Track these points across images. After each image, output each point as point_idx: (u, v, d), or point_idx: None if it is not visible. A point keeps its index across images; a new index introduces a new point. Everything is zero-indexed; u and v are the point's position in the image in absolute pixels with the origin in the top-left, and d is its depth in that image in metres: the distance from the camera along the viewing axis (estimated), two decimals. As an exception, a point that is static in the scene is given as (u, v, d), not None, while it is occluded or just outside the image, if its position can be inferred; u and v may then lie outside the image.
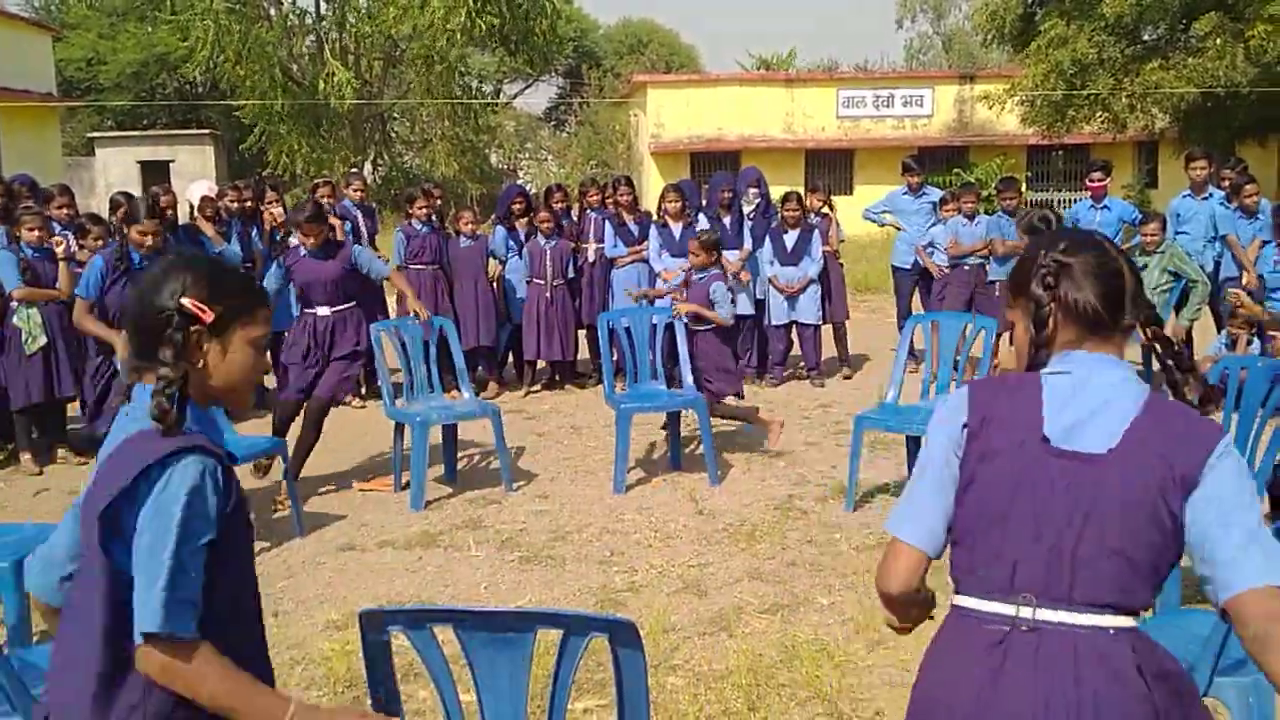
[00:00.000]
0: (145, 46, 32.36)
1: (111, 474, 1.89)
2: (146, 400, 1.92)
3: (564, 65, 39.88)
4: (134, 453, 1.89)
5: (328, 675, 4.11)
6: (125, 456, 1.90)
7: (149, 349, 1.96)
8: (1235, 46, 16.06)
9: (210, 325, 1.97)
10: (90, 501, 1.91)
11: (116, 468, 1.90)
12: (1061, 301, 1.99)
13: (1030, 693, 1.86)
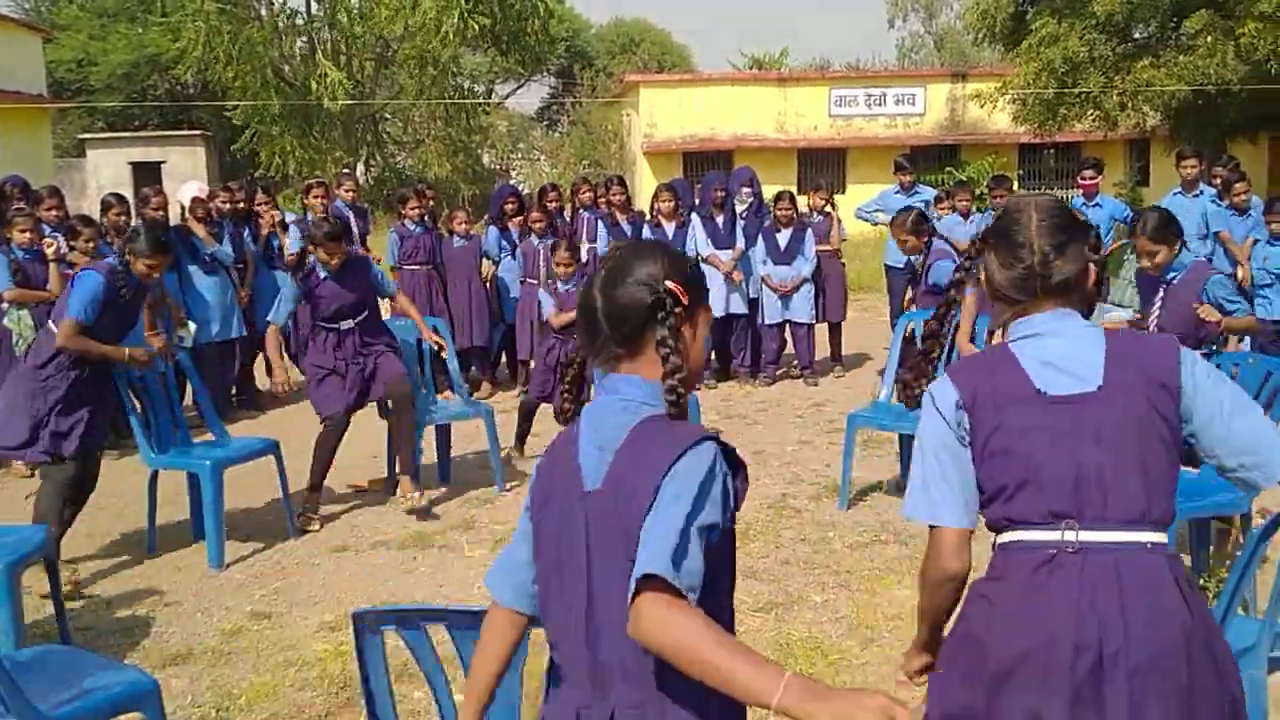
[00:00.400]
0: (136, 47, 32.29)
1: (641, 465, 1.80)
2: (633, 388, 1.89)
3: (556, 65, 39.88)
4: (659, 440, 1.82)
5: (321, 676, 4.11)
6: (649, 444, 1.82)
7: (630, 337, 1.89)
8: (1226, 44, 16.08)
9: (685, 307, 1.92)
10: (616, 485, 1.82)
11: (642, 457, 1.81)
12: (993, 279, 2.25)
13: (1073, 599, 2.04)
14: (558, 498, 1.93)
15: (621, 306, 1.89)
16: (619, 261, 1.95)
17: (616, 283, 1.91)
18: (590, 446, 1.90)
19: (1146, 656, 2.00)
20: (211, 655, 4.37)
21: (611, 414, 1.89)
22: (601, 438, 1.88)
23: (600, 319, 1.90)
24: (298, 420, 8.69)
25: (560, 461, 1.94)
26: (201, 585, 5.22)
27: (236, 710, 3.90)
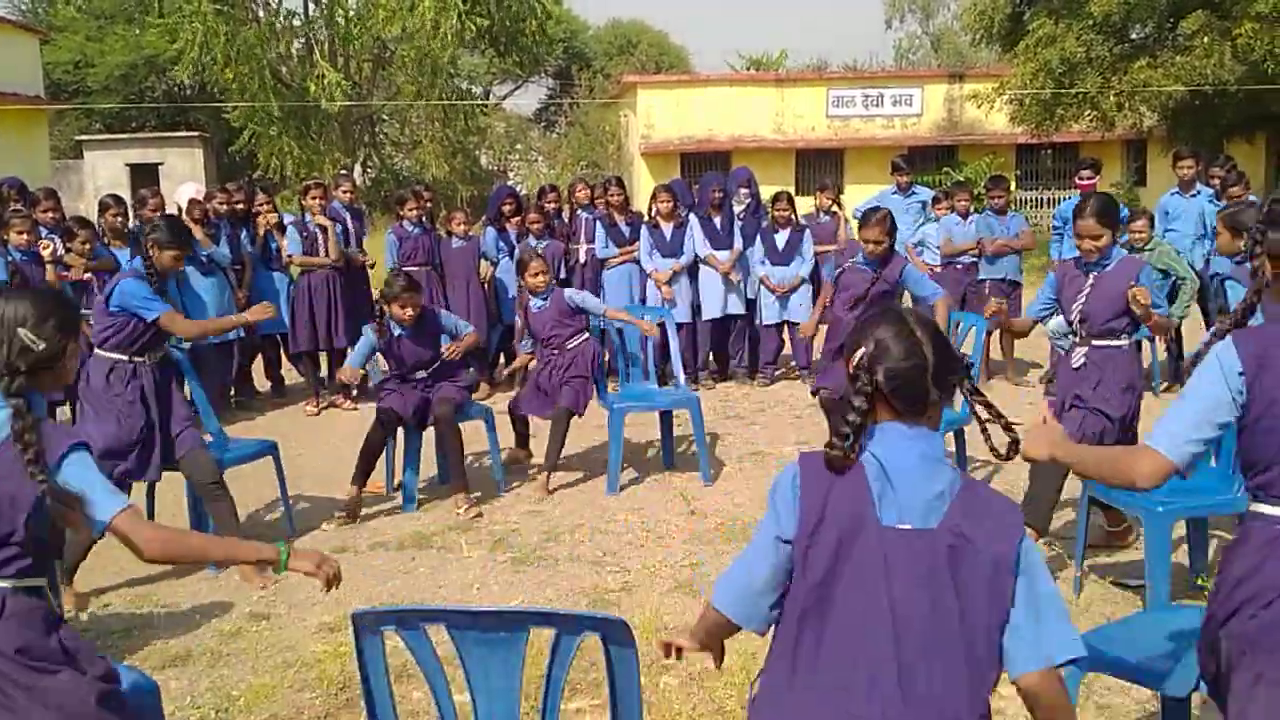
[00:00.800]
0: (133, 49, 32.27)
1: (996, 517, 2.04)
2: (936, 443, 2.10)
3: (554, 66, 39.88)
4: (994, 503, 2.06)
5: (320, 677, 4.11)
6: (991, 504, 2.06)
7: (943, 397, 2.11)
8: (1223, 45, 16.10)
9: None
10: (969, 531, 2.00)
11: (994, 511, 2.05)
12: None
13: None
14: (851, 521, 2.03)
15: (951, 370, 2.10)
16: (928, 328, 2.10)
17: (943, 347, 2.09)
18: (899, 486, 2.03)
19: None
20: (210, 656, 4.37)
21: (930, 464, 2.05)
22: (935, 483, 2.03)
23: (929, 381, 2.06)
24: (295, 422, 8.70)
25: (840, 492, 2.06)
26: (200, 586, 5.21)
27: (236, 711, 3.90)
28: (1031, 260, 13.83)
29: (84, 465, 2.52)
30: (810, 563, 2.04)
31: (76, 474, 2.49)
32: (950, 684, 2.01)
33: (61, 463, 2.49)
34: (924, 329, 2.08)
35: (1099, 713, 3.73)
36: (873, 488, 2.03)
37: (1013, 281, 9.26)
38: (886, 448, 2.05)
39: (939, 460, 2.05)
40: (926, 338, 2.06)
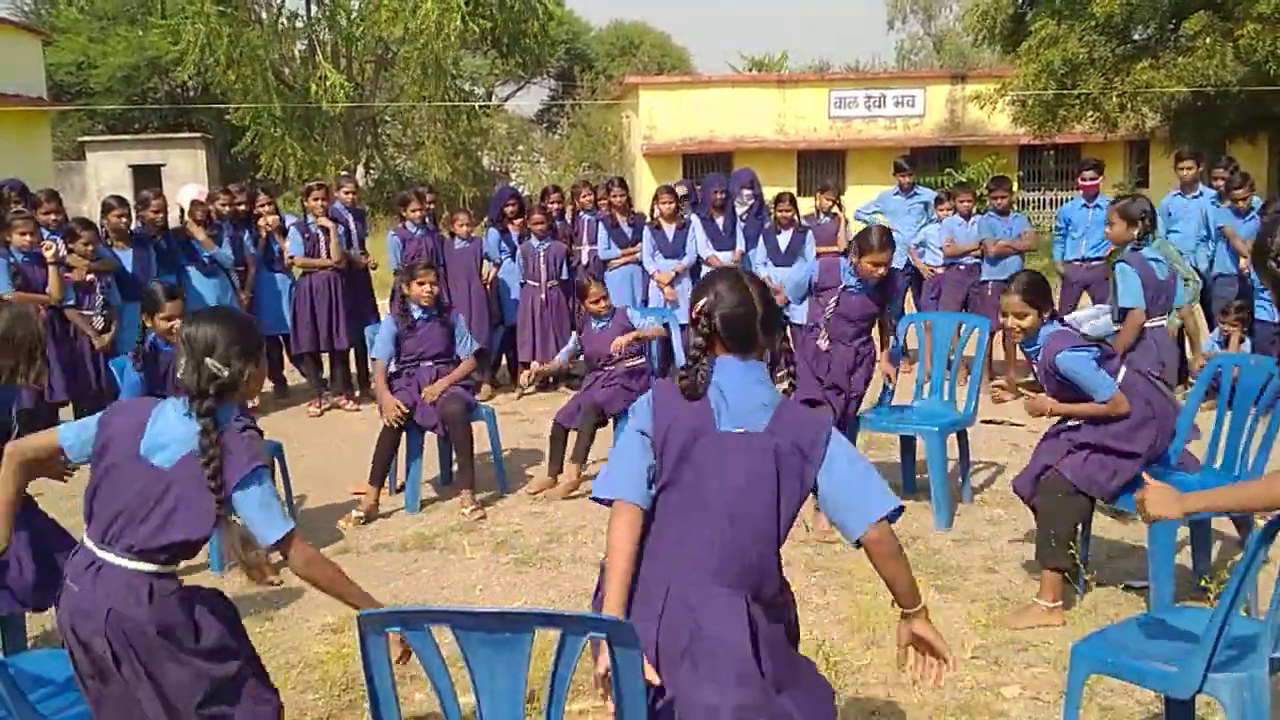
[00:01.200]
0: (136, 50, 32.27)
1: (803, 419, 2.63)
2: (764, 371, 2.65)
3: (556, 67, 39.87)
4: (807, 417, 2.66)
5: (324, 678, 4.11)
6: (802, 410, 2.76)
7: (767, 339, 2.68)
8: (1225, 45, 16.08)
9: None
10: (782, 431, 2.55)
11: (803, 415, 2.67)
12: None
13: None
14: (686, 428, 2.54)
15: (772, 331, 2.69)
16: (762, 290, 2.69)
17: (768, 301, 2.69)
18: (738, 400, 2.56)
19: None
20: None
21: (754, 380, 2.61)
22: (759, 397, 2.59)
23: (757, 325, 2.64)
24: (299, 423, 8.70)
25: (682, 405, 2.57)
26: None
27: (239, 712, 3.90)
28: (1034, 261, 13.81)
29: (259, 489, 2.72)
30: (663, 460, 2.54)
31: (252, 497, 2.71)
32: (765, 556, 2.54)
33: (241, 483, 2.70)
34: (755, 285, 2.66)
35: (1103, 714, 3.72)
36: (713, 405, 2.56)
37: (1015, 282, 9.23)
38: (723, 375, 2.60)
39: (762, 382, 2.62)
40: (756, 292, 2.64)
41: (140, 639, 2.69)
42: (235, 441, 2.73)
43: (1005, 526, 5.73)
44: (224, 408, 2.78)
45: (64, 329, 7.43)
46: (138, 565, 2.73)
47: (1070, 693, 3.17)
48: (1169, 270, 6.24)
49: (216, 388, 2.74)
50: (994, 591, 4.84)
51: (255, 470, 2.72)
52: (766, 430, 2.54)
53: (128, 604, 2.69)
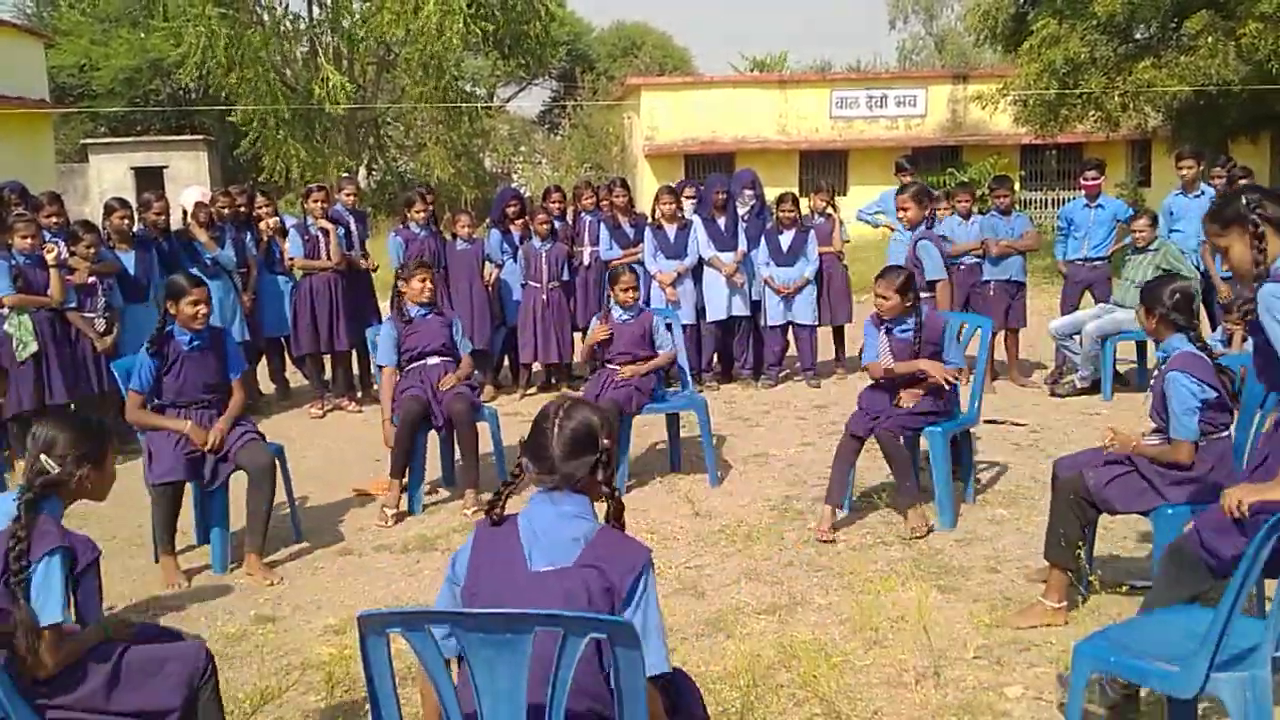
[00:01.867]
0: (138, 52, 32.31)
1: (617, 552, 2.52)
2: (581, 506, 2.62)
3: (557, 68, 39.90)
4: (627, 543, 2.57)
5: (326, 680, 4.10)
6: (620, 543, 2.57)
7: (578, 477, 2.63)
8: (1227, 45, 16.05)
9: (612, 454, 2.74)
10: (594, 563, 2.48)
11: (618, 549, 2.53)
12: None
13: None
14: (497, 572, 2.52)
15: (577, 459, 2.60)
16: (565, 417, 2.63)
17: (571, 440, 2.61)
18: (543, 538, 2.53)
19: None
20: (216, 659, 4.36)
21: (569, 517, 2.56)
22: (570, 532, 2.53)
23: (556, 461, 2.59)
24: (300, 424, 8.71)
25: (497, 547, 2.56)
26: (205, 589, 5.22)
27: (240, 714, 3.90)
28: (1036, 261, 13.82)
29: (49, 572, 2.93)
30: (469, 603, 2.50)
31: (36, 577, 2.91)
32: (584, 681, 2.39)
33: (39, 561, 2.92)
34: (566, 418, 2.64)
35: (1107, 714, 3.71)
36: (524, 542, 2.53)
37: (1017, 282, 9.24)
38: (531, 512, 2.60)
39: (576, 516, 2.56)
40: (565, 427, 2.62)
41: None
42: (44, 528, 2.98)
43: (1008, 526, 5.73)
44: (48, 501, 3.06)
45: (65, 331, 7.44)
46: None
47: (1073, 692, 3.16)
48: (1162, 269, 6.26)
49: (43, 482, 3.05)
50: (996, 591, 4.83)
51: (53, 551, 2.94)
52: (576, 565, 2.48)
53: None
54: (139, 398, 5.31)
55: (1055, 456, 5.19)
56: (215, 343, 5.49)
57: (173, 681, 3.06)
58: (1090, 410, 8.27)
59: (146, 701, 3.02)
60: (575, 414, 2.65)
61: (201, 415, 5.39)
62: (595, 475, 2.63)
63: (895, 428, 5.64)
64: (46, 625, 2.90)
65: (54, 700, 2.95)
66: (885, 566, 5.18)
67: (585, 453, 2.60)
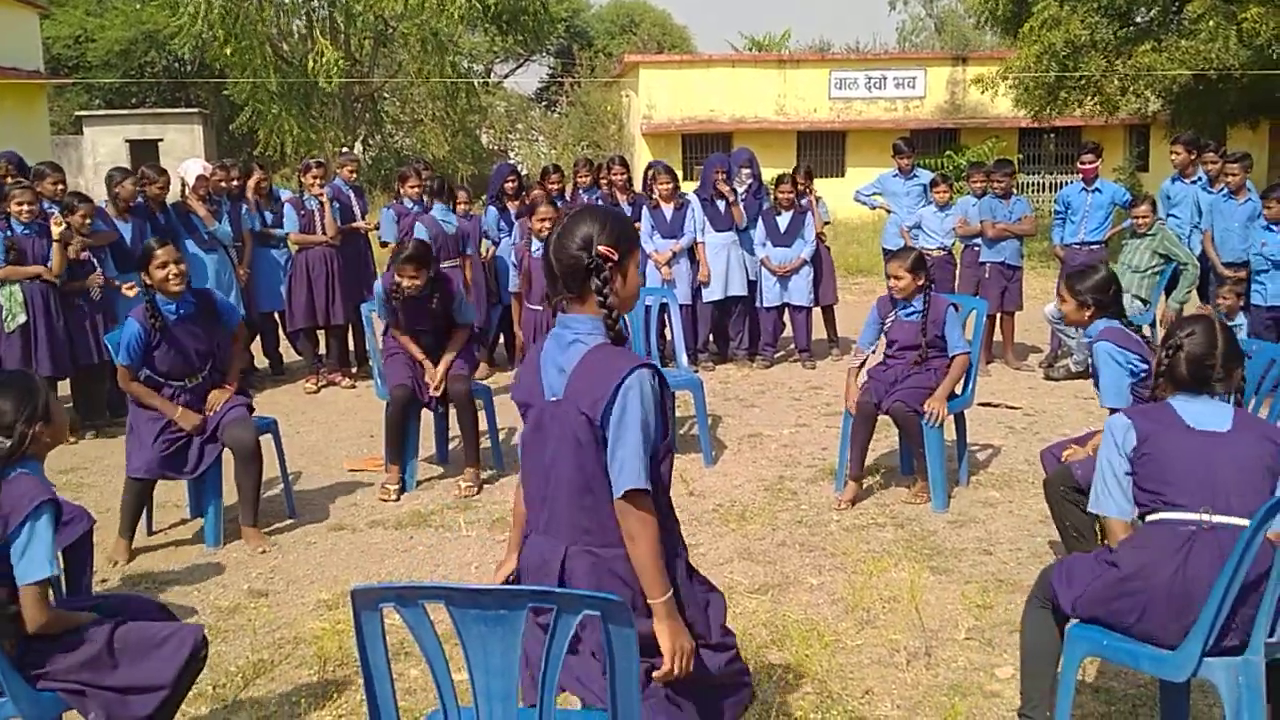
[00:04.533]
0: (133, 23, 32.14)
1: (594, 379, 2.50)
2: (580, 324, 2.57)
3: (555, 45, 39.73)
4: (605, 366, 2.50)
5: (318, 654, 4.11)
6: (600, 370, 2.50)
7: (575, 288, 2.57)
8: (1228, 29, 16.00)
9: (616, 261, 2.59)
10: (574, 396, 2.52)
11: (595, 374, 2.50)
12: None
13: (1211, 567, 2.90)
14: (532, 404, 2.65)
15: (567, 267, 2.56)
16: (563, 229, 2.60)
17: (562, 247, 2.57)
18: (551, 367, 2.60)
19: None
20: (209, 633, 4.36)
21: (565, 343, 2.58)
22: (562, 361, 2.57)
23: (555, 274, 2.59)
24: (295, 399, 8.70)
25: (530, 375, 2.67)
26: (199, 563, 5.22)
27: (233, 688, 3.90)
28: (1032, 245, 13.81)
29: (34, 530, 2.94)
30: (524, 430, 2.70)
31: (26, 535, 2.92)
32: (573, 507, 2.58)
33: (24, 523, 2.92)
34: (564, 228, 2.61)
35: (1097, 696, 3.73)
36: (542, 371, 2.62)
37: (1013, 266, 9.24)
38: (551, 336, 2.64)
39: (574, 340, 2.57)
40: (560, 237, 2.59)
41: None
42: (22, 487, 2.99)
43: (1000, 509, 5.74)
44: (20, 464, 3.05)
45: (61, 304, 7.40)
46: None
47: (1065, 674, 3.18)
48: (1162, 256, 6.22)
49: (4, 452, 3.02)
50: (988, 573, 4.84)
51: (29, 516, 2.93)
52: (565, 398, 2.54)
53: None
54: (128, 371, 5.25)
55: (1049, 440, 5.21)
56: (203, 307, 5.34)
57: (167, 661, 3.07)
58: (1084, 394, 8.28)
59: (137, 678, 3.03)
60: (574, 222, 2.60)
61: (198, 388, 5.35)
62: (589, 285, 2.56)
63: (905, 402, 5.72)
64: (35, 581, 2.91)
65: (46, 666, 2.96)
66: (878, 547, 5.19)
67: (577, 262, 2.55)
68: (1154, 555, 3.03)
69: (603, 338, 2.56)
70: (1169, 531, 3.03)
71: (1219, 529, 2.97)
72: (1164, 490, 3.07)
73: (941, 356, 5.88)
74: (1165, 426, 3.13)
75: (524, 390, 2.67)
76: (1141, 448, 3.13)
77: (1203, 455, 3.06)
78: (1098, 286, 4.59)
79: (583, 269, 2.54)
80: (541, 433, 2.61)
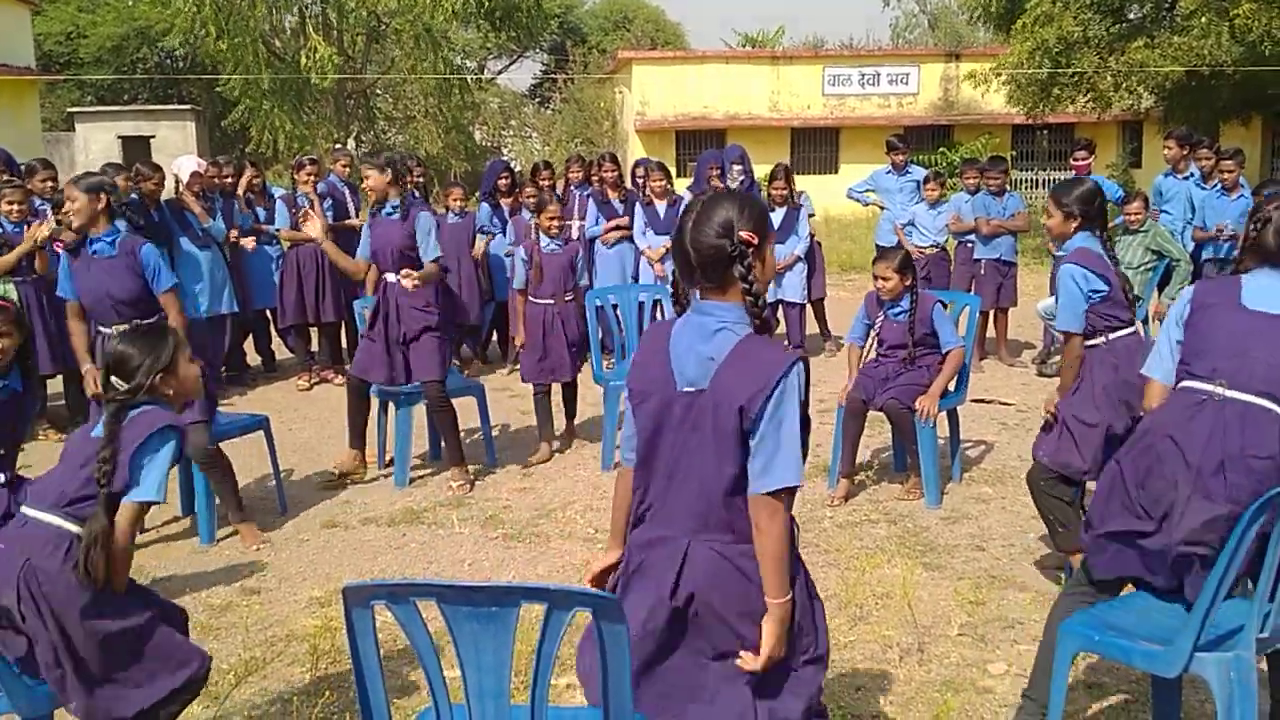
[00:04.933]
0: (125, 19, 32.02)
1: (749, 371, 2.37)
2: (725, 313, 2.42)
3: (548, 42, 39.64)
4: (764, 359, 2.39)
5: (311, 652, 4.10)
6: (757, 361, 2.39)
7: (716, 276, 2.43)
8: (1220, 25, 16.00)
9: (756, 247, 2.44)
10: (724, 387, 2.37)
11: (750, 366, 2.38)
12: None
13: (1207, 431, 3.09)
14: (655, 392, 2.48)
15: (708, 256, 2.41)
16: (698, 217, 2.44)
17: (701, 234, 2.42)
18: (691, 356, 2.44)
19: None
20: (201, 630, 4.36)
21: (710, 331, 2.43)
22: (707, 350, 2.42)
23: (693, 263, 2.43)
24: (287, 396, 8.68)
25: (655, 363, 2.49)
26: (191, 561, 5.21)
27: (226, 685, 3.89)
28: (1026, 241, 13.82)
29: (162, 450, 3.03)
30: (637, 417, 2.53)
31: (154, 448, 3.02)
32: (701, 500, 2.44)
33: (155, 435, 3.02)
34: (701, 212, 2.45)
35: (1089, 692, 3.74)
36: (671, 356, 2.46)
37: (1008, 262, 9.25)
38: (682, 324, 2.49)
39: (720, 329, 2.42)
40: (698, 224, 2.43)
41: (50, 588, 2.90)
42: (149, 415, 3.07)
43: (993, 505, 5.74)
44: (136, 406, 3.09)
45: (52, 302, 7.37)
46: (63, 523, 2.97)
47: (1057, 669, 3.17)
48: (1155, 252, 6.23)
49: (117, 399, 3.07)
50: (981, 569, 4.85)
51: (162, 432, 3.04)
52: (711, 388, 2.40)
53: (44, 557, 2.92)
54: (73, 307, 5.30)
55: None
56: (125, 253, 5.15)
57: (171, 674, 3.01)
58: (1078, 390, 8.29)
59: (138, 678, 2.97)
60: (710, 207, 2.45)
61: None
62: (733, 274, 2.42)
63: (899, 399, 5.72)
64: (140, 500, 2.98)
65: (91, 621, 2.91)
66: (871, 544, 5.19)
67: (719, 250, 2.40)
68: (1164, 416, 3.24)
69: (748, 326, 2.44)
70: (1185, 396, 3.21)
71: (1229, 402, 3.11)
72: (1193, 361, 3.24)
73: (933, 353, 5.88)
74: (1219, 301, 3.25)
75: (645, 379, 2.53)
76: (1191, 318, 3.29)
77: (1245, 333, 3.16)
78: (1084, 197, 4.61)
79: (725, 257, 2.40)
80: (668, 423, 2.47)
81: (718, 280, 2.43)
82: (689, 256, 2.43)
